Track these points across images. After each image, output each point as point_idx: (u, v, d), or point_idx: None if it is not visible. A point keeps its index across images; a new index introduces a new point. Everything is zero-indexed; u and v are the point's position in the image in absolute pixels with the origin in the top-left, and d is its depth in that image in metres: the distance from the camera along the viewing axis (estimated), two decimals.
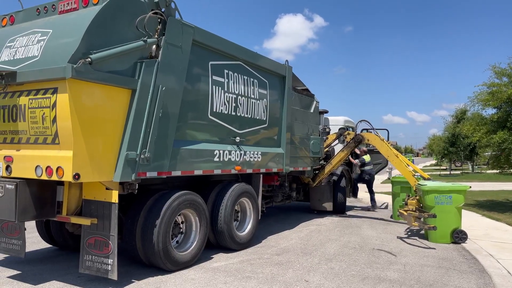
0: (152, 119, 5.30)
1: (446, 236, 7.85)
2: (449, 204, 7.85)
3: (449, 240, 7.84)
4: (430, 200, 7.91)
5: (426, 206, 8.06)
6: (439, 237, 7.88)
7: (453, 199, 7.85)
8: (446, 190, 7.90)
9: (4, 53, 5.33)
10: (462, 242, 7.76)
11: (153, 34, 5.47)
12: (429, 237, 8.05)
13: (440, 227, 7.75)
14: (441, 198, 7.87)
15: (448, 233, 7.85)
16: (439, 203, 7.86)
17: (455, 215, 7.85)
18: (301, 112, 9.68)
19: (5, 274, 5.62)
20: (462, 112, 30.22)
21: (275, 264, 6.31)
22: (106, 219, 5.01)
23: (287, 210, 12.23)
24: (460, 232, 7.83)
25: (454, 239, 7.81)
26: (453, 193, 7.87)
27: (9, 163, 5.07)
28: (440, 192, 7.89)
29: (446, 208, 7.83)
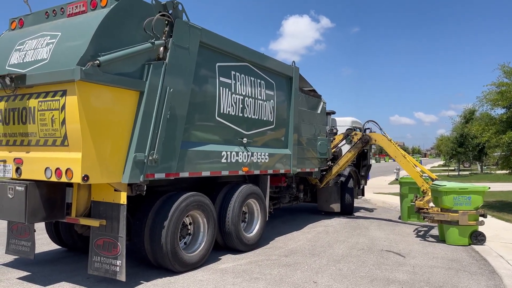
0: (160, 121, 5.32)
1: (465, 238, 7.74)
2: (468, 205, 7.73)
3: (467, 242, 7.72)
4: (449, 201, 7.79)
5: (443, 207, 7.94)
6: (457, 239, 7.77)
7: (472, 200, 7.74)
8: (465, 191, 7.78)
9: (14, 56, 5.39)
10: (481, 244, 7.65)
11: (161, 36, 5.50)
12: (448, 239, 7.91)
13: (460, 229, 7.70)
14: (460, 199, 7.76)
15: (467, 235, 7.74)
16: (457, 204, 7.75)
17: (474, 217, 7.74)
18: (308, 113, 9.66)
19: (15, 275, 5.67)
20: (470, 112, 29.94)
21: (283, 265, 6.29)
22: (115, 221, 5.03)
23: (295, 211, 12.20)
24: (479, 234, 7.74)
25: (472, 241, 7.72)
26: (472, 194, 7.76)
27: (19, 165, 5.12)
28: (459, 193, 7.79)
29: (465, 209, 7.72)
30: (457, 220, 7.70)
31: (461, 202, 7.76)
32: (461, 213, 7.68)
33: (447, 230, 7.94)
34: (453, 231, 7.79)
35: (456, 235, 7.77)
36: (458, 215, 7.69)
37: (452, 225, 7.80)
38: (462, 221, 7.68)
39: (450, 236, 7.88)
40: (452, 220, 7.76)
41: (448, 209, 7.82)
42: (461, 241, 7.75)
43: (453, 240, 7.83)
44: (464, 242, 7.74)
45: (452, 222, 7.77)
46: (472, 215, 7.70)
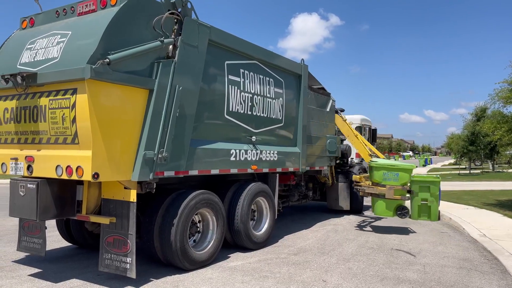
0: (169, 119, 5.33)
1: (390, 211, 8.45)
2: (396, 181, 8.39)
3: (392, 215, 8.47)
4: (379, 176, 8.48)
5: (374, 181, 8.51)
6: (383, 211, 8.50)
7: (399, 176, 8.40)
8: (394, 168, 8.45)
9: (25, 55, 5.44)
10: (404, 217, 8.40)
11: (170, 34, 5.50)
12: (375, 210, 8.68)
13: (386, 202, 8.41)
14: (389, 175, 8.45)
15: (392, 208, 8.43)
16: (386, 179, 8.43)
17: (400, 192, 8.33)
18: (317, 111, 9.62)
19: (26, 272, 5.73)
20: (482, 110, 29.60)
21: (292, 263, 6.28)
22: (125, 218, 5.06)
23: (304, 210, 12.17)
24: (403, 208, 8.41)
25: (397, 213, 8.41)
26: (400, 171, 8.41)
27: (30, 163, 5.17)
28: (389, 170, 8.41)
29: (392, 184, 8.35)
30: (384, 193, 8.31)
31: (389, 177, 8.41)
32: (388, 187, 8.30)
33: (375, 202, 8.62)
34: (381, 203, 8.50)
35: (383, 208, 8.44)
36: (386, 189, 8.30)
37: (380, 198, 8.45)
38: (388, 194, 8.27)
39: (377, 208, 8.57)
40: (380, 193, 8.39)
41: (378, 183, 8.48)
42: (387, 213, 8.46)
43: (379, 212, 8.54)
44: (389, 214, 8.45)
45: (380, 195, 8.41)
46: (398, 190, 8.29)
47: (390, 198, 8.32)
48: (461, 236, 8.51)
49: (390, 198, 8.32)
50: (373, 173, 8.60)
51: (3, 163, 5.51)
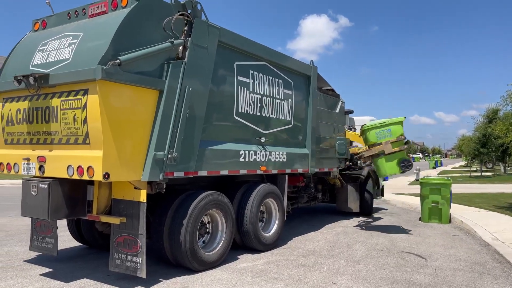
0: (179, 120, 5.35)
1: (395, 167, 8.43)
2: (389, 136, 8.48)
3: (398, 171, 8.44)
4: (373, 136, 8.63)
5: (370, 144, 8.64)
6: (388, 168, 8.50)
7: (392, 131, 8.51)
8: (384, 125, 8.61)
9: (37, 57, 5.50)
10: (408, 169, 8.38)
11: (180, 35, 5.53)
12: (380, 172, 8.76)
13: (387, 158, 8.41)
14: (382, 133, 8.56)
15: (395, 163, 8.41)
16: (380, 137, 8.55)
17: (398, 144, 8.41)
18: (326, 112, 9.58)
19: (37, 271, 5.78)
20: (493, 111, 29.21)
21: (301, 265, 6.25)
22: (135, 218, 5.08)
23: (313, 211, 12.13)
24: (406, 161, 8.39)
25: (401, 168, 8.37)
26: (391, 126, 8.55)
27: (42, 163, 5.22)
28: (379, 127, 8.57)
29: (388, 139, 8.45)
30: (383, 150, 8.39)
31: (383, 135, 8.54)
32: (385, 142, 8.43)
33: (378, 164, 8.61)
34: (382, 162, 8.49)
35: (386, 166, 8.44)
36: (382, 145, 8.43)
37: (381, 157, 8.47)
38: (387, 149, 8.35)
39: (382, 169, 8.57)
40: (379, 151, 8.45)
41: (374, 143, 8.61)
42: (392, 170, 8.43)
43: (385, 171, 8.55)
44: (395, 170, 8.41)
45: (380, 154, 8.44)
46: (395, 143, 8.38)
47: (390, 152, 8.40)
48: (473, 239, 8.41)
49: (390, 152, 8.40)
50: (367, 136, 8.79)
51: (15, 163, 5.57)
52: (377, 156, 8.56)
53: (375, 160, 8.76)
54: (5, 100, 5.70)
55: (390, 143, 8.43)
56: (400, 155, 8.48)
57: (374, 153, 8.56)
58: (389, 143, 8.43)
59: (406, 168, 8.39)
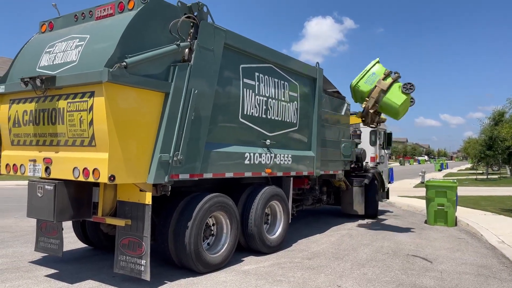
0: (185, 122, 5.36)
1: (400, 95, 8.69)
2: (378, 76, 8.91)
3: (405, 96, 8.67)
4: (365, 86, 9.01)
5: (367, 94, 8.99)
6: (396, 99, 8.72)
7: (376, 72, 9.00)
8: (367, 71, 9.06)
9: (44, 58, 5.53)
10: (413, 89, 8.64)
11: (186, 38, 5.54)
12: (389, 109, 8.94)
13: (389, 93, 8.74)
14: (370, 78, 8.99)
15: (398, 91, 8.73)
16: (371, 83, 8.93)
17: (388, 79, 8.85)
18: (331, 115, 9.56)
19: (42, 272, 5.81)
20: (500, 114, 29.06)
21: (306, 268, 6.23)
22: (140, 220, 5.09)
23: (318, 214, 12.10)
24: (405, 84, 8.65)
25: (403, 91, 8.65)
26: (374, 69, 9.03)
27: (48, 165, 5.25)
28: (365, 74, 9.04)
29: (377, 79, 8.86)
30: (380, 89, 8.76)
31: (371, 79, 8.95)
32: (377, 82, 8.81)
33: (384, 103, 8.84)
34: (387, 98, 8.75)
35: (392, 99, 8.71)
36: (378, 86, 8.77)
37: (383, 95, 8.77)
38: (383, 85, 8.76)
39: (390, 103, 8.77)
40: (378, 92, 8.78)
41: (369, 91, 8.91)
42: (400, 97, 8.68)
43: (395, 103, 8.71)
44: (403, 97, 8.67)
45: (380, 93, 8.77)
46: (386, 78, 8.86)
47: (387, 86, 8.76)
48: (479, 243, 8.35)
49: (387, 86, 8.76)
50: (360, 90, 9.10)
51: (22, 164, 5.61)
52: (379, 98, 8.84)
53: (381, 103, 8.92)
54: (12, 102, 5.74)
55: (381, 80, 8.84)
56: (397, 85, 8.81)
57: (376, 97, 8.82)
58: (381, 81, 8.83)
59: (409, 89, 8.66)
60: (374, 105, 8.95)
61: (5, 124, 5.84)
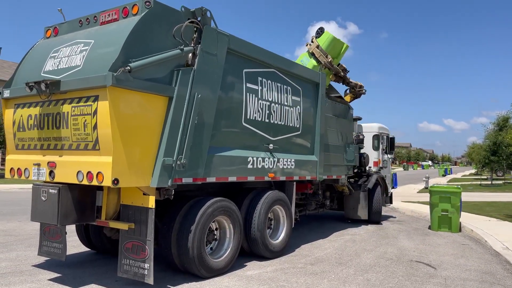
0: (188, 126, 5.37)
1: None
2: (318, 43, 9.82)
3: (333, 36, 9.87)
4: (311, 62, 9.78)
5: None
6: None
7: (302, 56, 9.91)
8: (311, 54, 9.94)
9: (49, 63, 5.57)
10: (322, 30, 9.92)
11: (190, 42, 5.57)
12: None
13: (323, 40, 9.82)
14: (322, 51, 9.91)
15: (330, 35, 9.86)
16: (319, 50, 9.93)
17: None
18: (334, 119, 9.57)
19: (46, 276, 5.81)
20: (504, 119, 28.93)
21: (309, 273, 6.21)
22: (143, 224, 5.10)
23: (321, 219, 12.06)
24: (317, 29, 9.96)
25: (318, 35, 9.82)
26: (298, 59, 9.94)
27: (52, 169, 5.27)
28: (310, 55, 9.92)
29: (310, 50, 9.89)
30: (313, 47, 9.67)
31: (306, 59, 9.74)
32: (309, 49, 9.77)
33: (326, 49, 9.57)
34: (323, 44, 9.54)
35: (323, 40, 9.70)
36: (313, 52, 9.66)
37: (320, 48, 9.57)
38: (314, 46, 9.75)
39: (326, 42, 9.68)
40: (318, 52, 9.53)
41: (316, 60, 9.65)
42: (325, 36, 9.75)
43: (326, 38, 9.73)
44: (326, 35, 9.74)
45: (318, 49, 9.55)
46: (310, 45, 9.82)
47: (315, 44, 9.57)
48: (483, 249, 8.29)
49: (315, 44, 9.57)
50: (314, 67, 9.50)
51: (26, 168, 5.63)
52: (322, 51, 9.68)
53: (327, 50, 9.74)
54: (16, 106, 5.78)
55: (309, 46, 9.90)
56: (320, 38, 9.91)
57: (319, 53, 9.64)
58: (310, 46, 9.88)
59: (320, 32, 9.91)
60: (326, 56, 9.67)
61: (10, 128, 5.88)
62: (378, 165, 12.44)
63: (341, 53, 10.20)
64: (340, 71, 10.22)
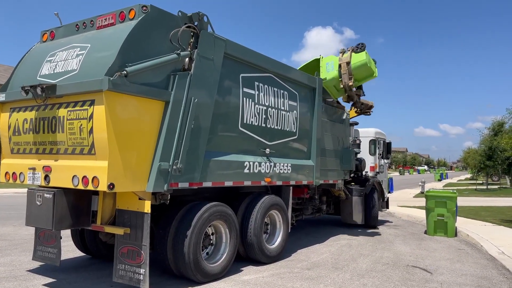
0: (184, 131, 5.36)
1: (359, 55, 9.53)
2: (334, 61, 9.74)
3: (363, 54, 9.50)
4: (332, 74, 9.61)
5: (336, 77, 9.61)
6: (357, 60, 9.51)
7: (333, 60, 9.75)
8: (321, 66, 9.78)
9: (45, 67, 5.56)
10: (364, 47, 9.63)
11: (186, 47, 5.57)
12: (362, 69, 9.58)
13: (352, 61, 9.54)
14: (329, 66, 9.72)
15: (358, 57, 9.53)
16: (332, 68, 9.64)
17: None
18: (331, 124, 9.58)
19: (40, 282, 5.77)
20: (499, 124, 29.14)
21: (305, 278, 6.19)
22: (139, 229, 5.07)
23: (317, 224, 12.05)
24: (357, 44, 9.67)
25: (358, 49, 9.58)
26: (326, 60, 9.75)
27: (47, 173, 5.24)
28: (323, 67, 9.75)
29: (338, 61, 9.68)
30: (344, 62, 9.46)
31: (331, 66, 9.60)
32: (339, 60, 9.59)
33: (353, 70, 9.46)
34: (354, 64, 9.46)
35: (357, 60, 9.49)
36: (340, 64, 9.53)
37: (349, 65, 9.42)
38: (345, 59, 9.51)
39: (359, 67, 9.46)
40: (344, 67, 9.43)
41: (338, 73, 9.50)
42: (362, 56, 9.48)
43: (360, 61, 9.47)
44: (363, 55, 9.45)
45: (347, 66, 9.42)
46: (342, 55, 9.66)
47: (347, 59, 9.42)
48: (479, 254, 8.31)
49: (347, 59, 9.42)
50: (329, 79, 9.49)
51: (21, 172, 5.60)
52: (349, 69, 9.43)
53: (353, 72, 9.48)
54: (12, 110, 5.75)
55: (341, 57, 9.55)
56: (354, 53, 9.57)
57: (346, 71, 9.42)
58: (341, 58, 9.53)
59: (361, 47, 9.56)
60: (349, 78, 9.36)
61: (5, 132, 5.85)
62: (374, 170, 12.46)
63: (365, 79, 9.96)
64: (355, 96, 10.07)
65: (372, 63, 9.85)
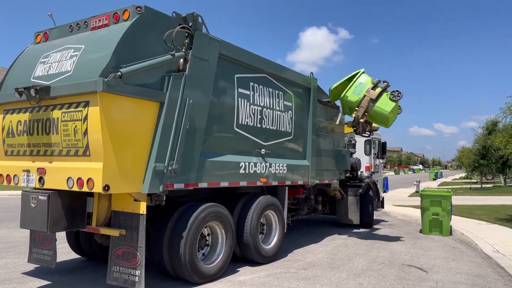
0: (180, 132, 5.35)
1: (389, 103, 8.77)
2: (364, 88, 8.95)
3: (394, 103, 8.77)
4: (353, 97, 9.02)
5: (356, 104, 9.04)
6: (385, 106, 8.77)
7: (363, 82, 9.03)
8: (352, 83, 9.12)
9: (39, 69, 5.53)
10: (400, 96, 8.74)
11: (181, 48, 5.57)
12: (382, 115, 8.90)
13: (380, 102, 8.79)
14: (357, 89, 9.04)
15: (388, 100, 8.78)
16: (359, 92, 8.98)
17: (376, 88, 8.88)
18: (326, 124, 9.60)
19: (35, 284, 5.74)
20: (493, 123, 29.31)
21: (302, 278, 6.20)
22: (134, 231, 5.05)
23: (313, 223, 12.07)
24: (393, 92, 8.78)
25: (394, 98, 8.75)
26: (359, 79, 9.10)
27: (42, 175, 5.21)
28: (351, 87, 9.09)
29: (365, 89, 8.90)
30: (370, 98, 8.80)
31: (359, 89, 8.98)
32: (366, 92, 8.86)
33: (375, 112, 8.88)
34: (377, 107, 8.78)
35: (382, 107, 8.76)
36: (367, 95, 8.82)
37: (372, 104, 8.81)
38: (373, 95, 8.80)
39: (380, 111, 8.80)
40: (368, 102, 8.83)
41: (358, 101, 8.91)
42: (389, 105, 8.75)
43: (385, 111, 8.75)
44: (391, 104, 8.73)
45: (370, 103, 8.81)
46: (375, 87, 8.85)
47: (376, 95, 8.77)
48: (474, 252, 8.36)
49: (376, 95, 8.77)
50: (348, 101, 9.07)
51: (15, 175, 5.57)
52: (369, 107, 8.85)
53: (371, 112, 8.92)
54: (6, 112, 5.72)
55: (370, 89, 8.83)
56: (386, 94, 8.84)
57: (365, 106, 8.82)
58: (370, 90, 8.82)
59: (397, 97, 8.75)
60: (364, 114, 8.95)
61: None
62: (370, 170, 12.51)
63: (378, 123, 9.55)
64: (360, 128, 9.67)
65: (395, 113, 9.19)
